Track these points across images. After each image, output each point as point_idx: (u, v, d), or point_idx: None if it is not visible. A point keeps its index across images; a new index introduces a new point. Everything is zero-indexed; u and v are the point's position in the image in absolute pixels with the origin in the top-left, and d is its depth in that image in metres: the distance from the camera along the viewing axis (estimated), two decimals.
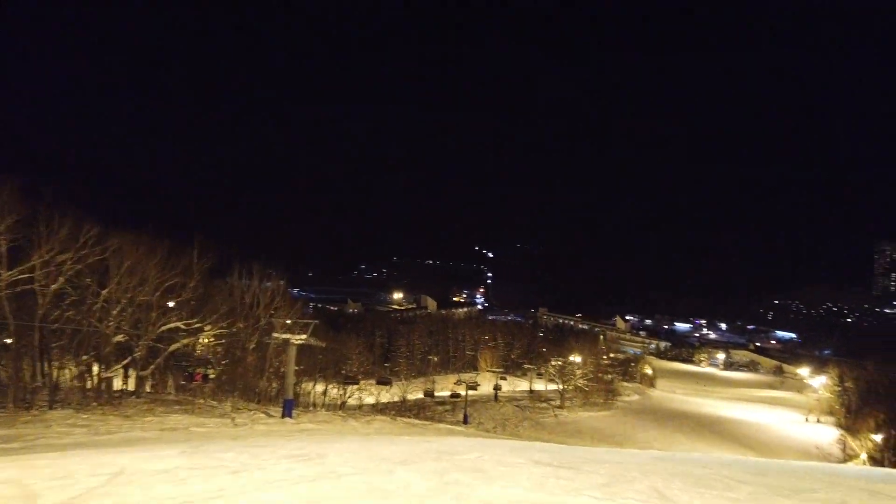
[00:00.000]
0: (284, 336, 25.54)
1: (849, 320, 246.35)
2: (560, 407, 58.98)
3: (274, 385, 38.01)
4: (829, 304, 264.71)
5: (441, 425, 38.66)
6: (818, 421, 66.26)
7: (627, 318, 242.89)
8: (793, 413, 73.44)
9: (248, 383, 35.85)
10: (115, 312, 26.10)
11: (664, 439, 50.88)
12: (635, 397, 72.94)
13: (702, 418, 63.25)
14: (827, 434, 59.37)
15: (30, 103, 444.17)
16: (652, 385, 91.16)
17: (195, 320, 31.24)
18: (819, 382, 72.72)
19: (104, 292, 25.77)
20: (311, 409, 38.90)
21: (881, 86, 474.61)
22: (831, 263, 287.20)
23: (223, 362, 37.30)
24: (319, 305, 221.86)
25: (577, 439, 46.77)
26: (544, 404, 59.90)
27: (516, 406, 57.15)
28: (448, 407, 54.18)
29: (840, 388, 66.53)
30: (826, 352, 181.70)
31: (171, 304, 29.87)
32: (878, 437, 38.01)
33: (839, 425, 61.00)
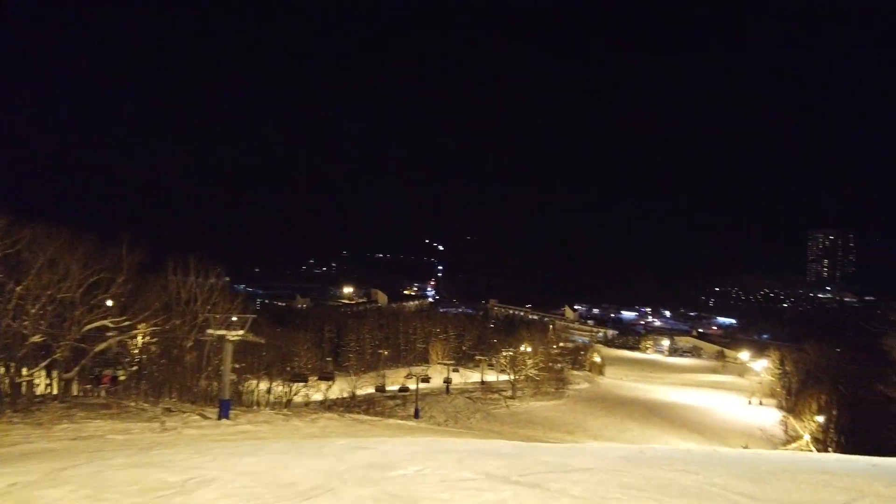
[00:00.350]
0: (220, 332, 23.69)
1: (785, 305, 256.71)
2: (511, 398, 58.52)
3: (215, 385, 35.98)
4: (766, 291, 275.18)
5: (391, 420, 37.47)
6: (760, 403, 68.15)
7: (576, 307, 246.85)
8: (736, 396, 75.38)
9: (186, 384, 33.86)
10: (32, 310, 23.92)
11: (615, 427, 51.06)
12: (585, 385, 73.35)
13: (650, 404, 64.03)
14: (769, 416, 61.03)
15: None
16: (601, 373, 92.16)
17: (124, 318, 29.05)
18: (761, 366, 74.92)
19: (19, 288, 23.53)
20: (256, 408, 37.09)
21: (812, 75, 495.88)
22: (768, 251, 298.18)
23: (161, 361, 35.22)
24: (267, 301, 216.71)
25: (528, 429, 46.34)
26: (496, 395, 59.36)
27: (468, 398, 56.40)
28: (399, 401, 52.97)
29: (781, 371, 68.66)
30: (764, 336, 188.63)
31: (100, 301, 27.71)
32: (821, 419, 38.86)
33: (781, 407, 62.81)
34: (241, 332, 23.21)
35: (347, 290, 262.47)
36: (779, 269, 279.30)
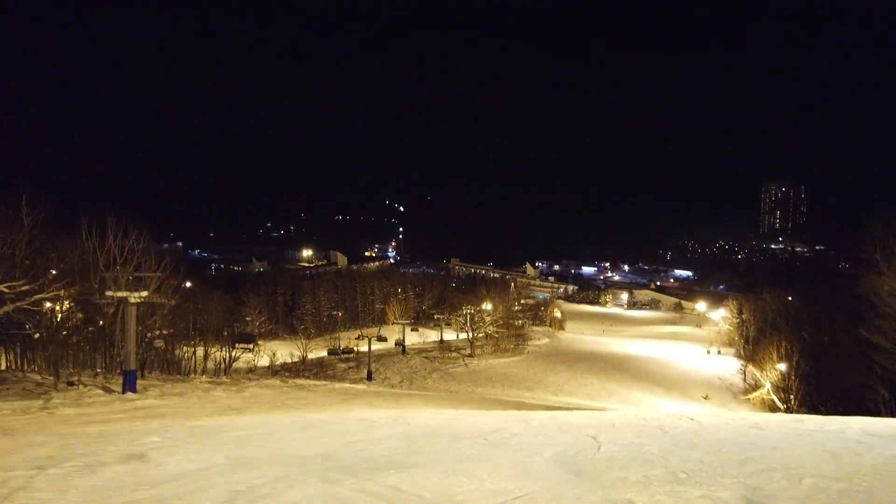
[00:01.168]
0: (121, 294, 20.44)
1: (739, 257, 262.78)
2: (470, 356, 56.73)
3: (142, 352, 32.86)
4: (722, 243, 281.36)
5: (339, 385, 35.02)
6: (719, 353, 68.15)
7: (537, 264, 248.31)
8: (694, 346, 75.45)
9: (110, 353, 30.76)
10: None
11: (575, 381, 49.75)
12: (545, 341, 72.19)
13: (610, 358, 63.17)
14: (728, 365, 60.89)
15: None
16: (562, 328, 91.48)
17: (21, 282, 25.41)
18: (719, 315, 75.02)
19: None
20: (192, 376, 34.08)
21: (770, 38, 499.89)
22: (722, 204, 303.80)
23: (76, 328, 31.87)
24: (222, 266, 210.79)
25: (487, 387, 44.55)
26: (455, 354, 57.52)
27: (425, 357, 54.31)
28: (352, 364, 50.51)
29: (739, 320, 68.55)
30: (720, 287, 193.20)
31: None
32: (783, 367, 37.93)
33: (739, 356, 62.70)
34: (145, 294, 20.05)
35: (306, 252, 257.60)
36: (733, 221, 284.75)
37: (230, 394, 21.40)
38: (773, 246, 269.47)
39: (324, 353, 59.04)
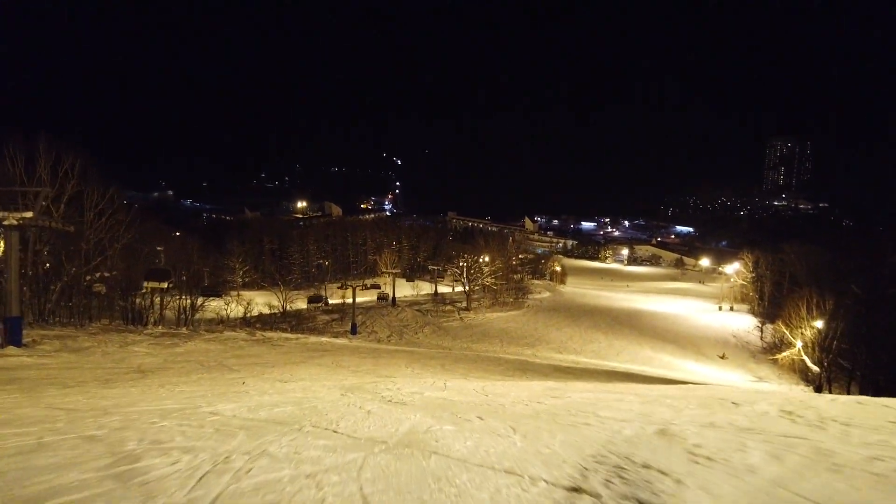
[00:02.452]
0: None
1: (742, 213, 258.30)
2: (466, 309, 52.50)
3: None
4: (724, 199, 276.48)
5: (315, 339, 30.69)
6: (731, 309, 64.15)
7: (536, 219, 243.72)
8: (702, 302, 71.51)
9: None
10: None
11: (580, 338, 45.65)
12: (546, 294, 68.07)
13: (616, 313, 59.12)
14: (742, 322, 56.92)
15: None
16: (563, 282, 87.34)
17: None
18: (732, 269, 70.67)
19: None
20: (147, 326, 29.62)
21: None
22: (726, 160, 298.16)
23: None
24: (213, 216, 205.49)
25: (484, 343, 40.39)
26: (449, 307, 53.27)
27: (417, 311, 50.04)
28: (336, 316, 46.18)
29: (754, 275, 64.17)
30: (723, 243, 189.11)
31: None
32: (820, 324, 33.64)
33: (754, 313, 58.75)
34: (28, 215, 15.18)
35: (301, 203, 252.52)
36: (736, 178, 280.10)
37: (156, 350, 16.94)
38: (776, 203, 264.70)
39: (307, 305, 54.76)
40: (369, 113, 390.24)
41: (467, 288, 54.45)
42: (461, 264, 55.69)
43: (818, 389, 32.59)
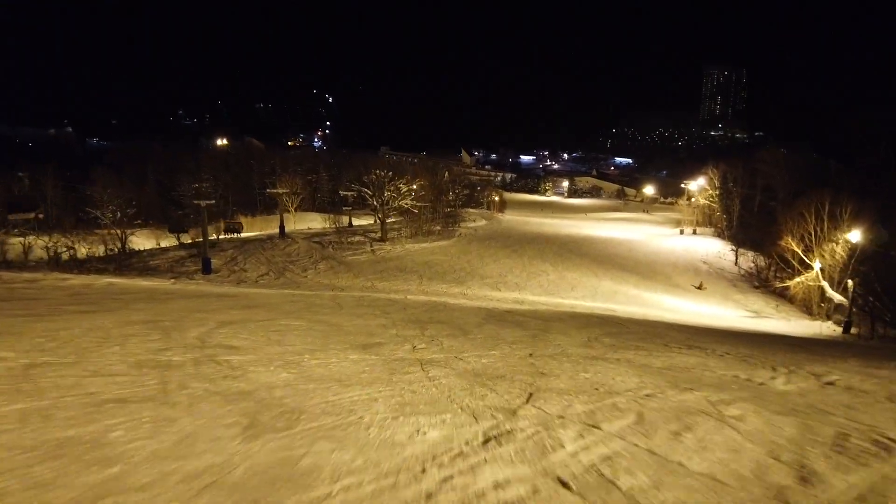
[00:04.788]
0: None
1: (679, 144, 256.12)
2: (381, 240, 41.53)
3: None
4: (661, 130, 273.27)
5: (146, 283, 19.49)
6: (694, 232, 55.75)
7: (474, 153, 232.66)
8: (659, 227, 63.24)
9: None
10: None
11: (523, 270, 35.68)
12: (482, 223, 57.88)
13: (564, 240, 49.60)
14: (710, 246, 48.66)
15: None
16: (502, 211, 77.40)
17: None
18: (696, 185, 61.73)
19: None
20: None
21: None
22: (662, 90, 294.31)
23: None
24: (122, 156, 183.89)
25: (396, 280, 29.74)
26: (360, 238, 42.23)
27: (316, 243, 38.70)
28: (196, 252, 34.24)
29: (722, 191, 55.26)
30: (663, 173, 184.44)
31: None
32: (856, 236, 24.62)
33: (722, 236, 50.54)
34: None
35: (221, 141, 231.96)
36: (674, 108, 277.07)
37: None
38: (712, 133, 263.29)
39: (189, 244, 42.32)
40: (299, 47, 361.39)
41: (380, 212, 43.12)
42: (372, 178, 43.70)
43: (848, 328, 23.84)
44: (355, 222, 50.79)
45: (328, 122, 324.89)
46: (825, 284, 26.67)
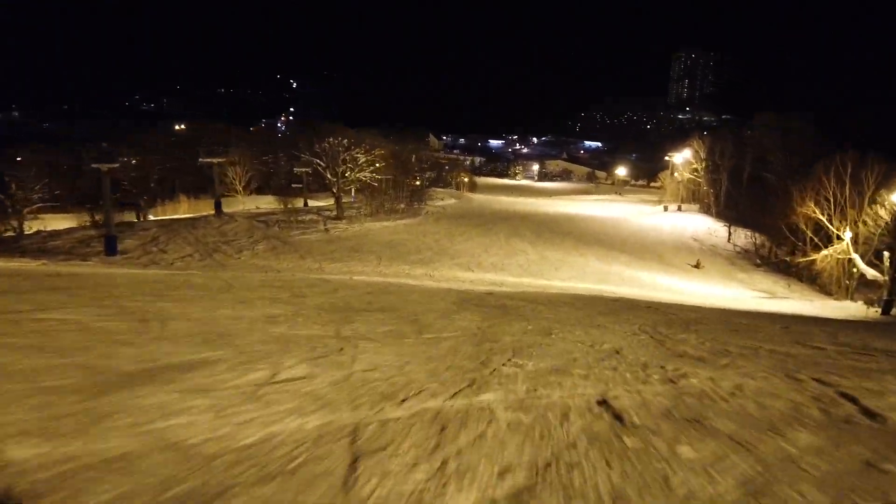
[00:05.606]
0: None
1: (648, 127, 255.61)
2: (337, 218, 36.50)
3: None
4: (630, 114, 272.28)
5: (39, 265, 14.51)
6: (679, 209, 51.86)
7: (442, 137, 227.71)
8: (639, 206, 59.51)
9: None
10: None
11: (499, 249, 31.16)
12: (451, 201, 53.28)
13: (541, 218, 45.30)
14: (698, 223, 44.98)
15: None
16: (472, 191, 72.89)
17: None
18: (681, 158, 57.27)
19: None
20: None
21: None
22: (631, 74, 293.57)
23: None
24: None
25: (350, 261, 24.88)
26: (313, 217, 37.16)
27: (259, 222, 33.53)
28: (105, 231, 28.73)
29: (707, 164, 51.24)
30: (633, 156, 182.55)
31: None
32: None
33: (709, 212, 46.89)
34: None
35: (180, 126, 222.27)
36: (643, 92, 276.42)
37: None
38: (680, 116, 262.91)
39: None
40: (263, 33, 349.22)
41: (336, 189, 37.90)
42: (325, 146, 38.17)
43: (888, 308, 19.88)
44: (316, 205, 45.48)
45: (292, 109, 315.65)
46: (856, 258, 22.89)
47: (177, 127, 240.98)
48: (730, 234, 39.22)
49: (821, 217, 25.21)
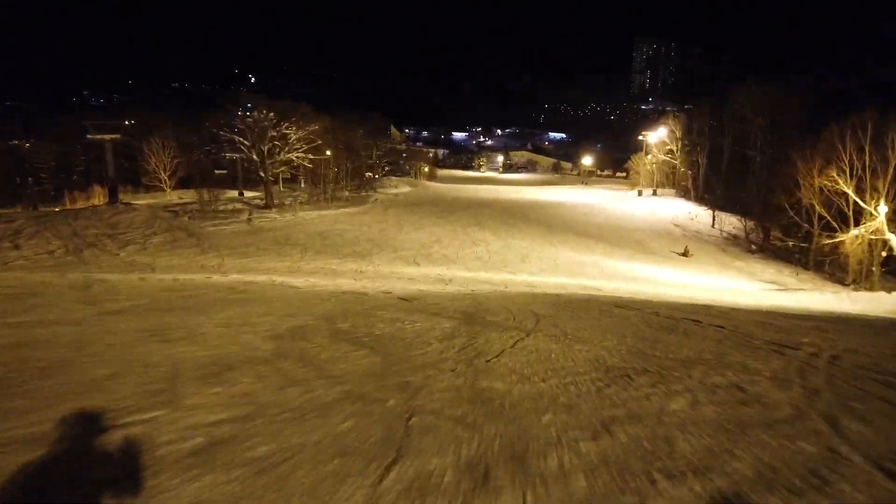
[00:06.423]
0: None
1: (612, 118, 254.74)
2: (266, 206, 31.06)
3: None
4: (594, 105, 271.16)
5: None
6: (654, 193, 47.60)
7: (405, 130, 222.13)
8: (611, 192, 55.28)
9: None
10: None
11: (454, 239, 26.23)
12: (406, 189, 48.12)
13: (506, 205, 40.60)
14: (676, 208, 40.85)
15: None
16: (431, 179, 67.83)
17: None
18: (656, 137, 52.30)
19: None
20: None
21: None
22: (593, 64, 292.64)
23: None
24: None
25: (266, 256, 19.67)
26: (239, 206, 31.67)
27: (169, 211, 27.95)
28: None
29: (685, 143, 47.00)
30: (599, 146, 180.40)
31: None
32: None
33: (688, 196, 42.86)
34: None
35: (129, 122, 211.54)
36: (605, 83, 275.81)
37: None
38: (643, 106, 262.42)
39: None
40: (221, 27, 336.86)
41: (264, 173, 32.32)
42: (248, 121, 32.37)
43: None
44: (252, 195, 39.78)
45: (249, 105, 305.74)
46: (892, 238, 18.71)
47: (126, 122, 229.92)
48: (714, 218, 35.13)
49: (846, 189, 20.95)
